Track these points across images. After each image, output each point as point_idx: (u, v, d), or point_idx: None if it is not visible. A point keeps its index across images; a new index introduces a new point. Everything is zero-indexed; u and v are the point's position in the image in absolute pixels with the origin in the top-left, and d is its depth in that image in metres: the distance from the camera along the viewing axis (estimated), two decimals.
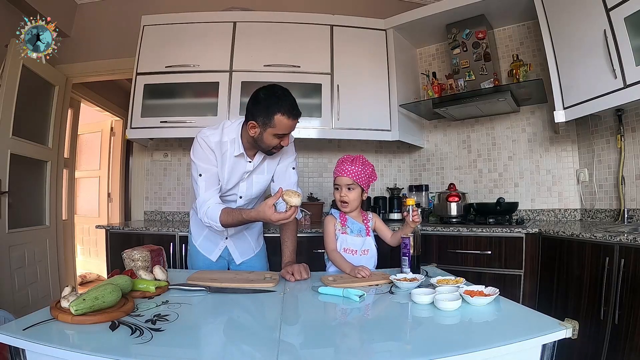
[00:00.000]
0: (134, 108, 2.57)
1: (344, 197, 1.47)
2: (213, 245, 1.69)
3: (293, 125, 1.41)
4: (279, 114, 1.35)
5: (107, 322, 0.86)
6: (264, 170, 1.59)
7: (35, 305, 2.74)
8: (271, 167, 1.60)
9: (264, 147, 1.44)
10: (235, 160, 1.50)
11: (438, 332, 0.89)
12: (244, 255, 1.71)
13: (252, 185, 1.58)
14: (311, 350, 0.81)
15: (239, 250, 1.69)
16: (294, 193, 1.26)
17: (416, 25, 2.67)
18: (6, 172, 2.65)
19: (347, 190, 1.48)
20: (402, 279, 1.19)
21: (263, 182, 1.60)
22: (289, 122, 1.38)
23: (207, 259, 1.68)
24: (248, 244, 1.72)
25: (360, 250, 1.48)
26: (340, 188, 1.49)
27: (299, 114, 1.41)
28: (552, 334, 0.79)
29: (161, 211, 3.00)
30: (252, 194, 1.60)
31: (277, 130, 1.38)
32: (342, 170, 1.48)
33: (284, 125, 1.37)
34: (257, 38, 2.61)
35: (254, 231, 1.75)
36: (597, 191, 2.37)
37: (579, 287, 1.71)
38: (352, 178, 1.47)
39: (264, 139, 1.41)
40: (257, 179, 1.58)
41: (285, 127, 1.38)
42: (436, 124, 3.02)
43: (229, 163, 1.50)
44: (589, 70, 1.92)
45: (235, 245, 1.69)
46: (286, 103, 1.37)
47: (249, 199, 1.61)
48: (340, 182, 1.48)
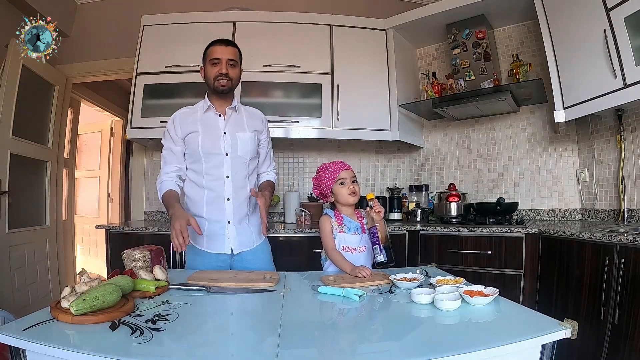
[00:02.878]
0: (134, 108, 2.57)
1: (352, 188, 1.52)
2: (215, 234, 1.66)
3: (223, 51, 1.60)
4: (210, 46, 1.64)
5: (107, 322, 0.86)
6: (244, 127, 1.67)
7: (35, 305, 2.74)
8: (252, 126, 1.69)
9: (209, 82, 1.63)
10: (205, 117, 1.65)
11: (438, 332, 0.89)
12: (243, 247, 1.66)
13: (236, 142, 1.63)
14: (311, 350, 0.81)
15: (239, 239, 1.65)
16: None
17: (416, 25, 2.67)
18: (6, 172, 2.65)
19: (353, 183, 1.53)
20: (402, 278, 1.19)
21: (248, 140, 1.66)
22: (217, 47, 1.61)
23: (207, 256, 1.64)
24: (248, 236, 1.68)
25: (359, 248, 1.49)
26: (345, 182, 1.52)
27: (227, 41, 1.64)
28: (551, 334, 0.79)
29: (161, 211, 3.00)
30: (238, 152, 1.63)
31: (210, 56, 1.61)
32: (345, 166, 1.56)
33: (213, 51, 1.61)
34: (257, 38, 2.61)
35: (254, 222, 1.71)
36: (597, 191, 2.37)
37: (579, 287, 1.71)
38: (353, 171, 1.57)
39: (207, 74, 1.63)
40: (241, 136, 1.65)
41: (215, 52, 1.60)
42: (436, 124, 3.02)
43: (200, 122, 1.64)
44: (589, 70, 1.92)
45: (237, 233, 1.65)
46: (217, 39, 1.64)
47: (237, 156, 1.63)
48: (347, 175, 1.53)
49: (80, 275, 1.05)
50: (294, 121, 2.57)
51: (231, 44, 1.63)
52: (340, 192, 1.52)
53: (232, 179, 1.62)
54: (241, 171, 1.64)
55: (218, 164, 1.61)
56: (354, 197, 1.52)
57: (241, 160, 1.64)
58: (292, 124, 2.57)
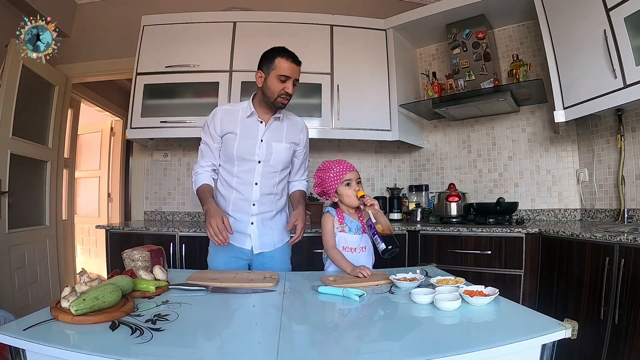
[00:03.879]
0: (134, 108, 2.57)
1: (357, 190, 1.51)
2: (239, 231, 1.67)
3: (293, 69, 1.56)
4: (279, 57, 1.56)
5: (107, 322, 0.86)
6: (282, 138, 1.66)
7: (35, 305, 2.74)
8: (290, 138, 1.68)
9: (270, 94, 1.57)
10: (247, 121, 1.63)
11: (438, 332, 0.89)
12: (264, 247, 1.68)
13: (271, 151, 1.63)
14: (311, 350, 0.81)
15: (260, 240, 1.67)
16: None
17: (416, 25, 2.67)
18: (6, 172, 2.65)
19: (358, 184, 1.53)
20: (402, 279, 1.19)
21: (282, 151, 1.65)
22: (288, 64, 1.55)
23: (229, 249, 1.63)
24: (270, 238, 1.70)
25: (359, 248, 1.49)
26: (352, 183, 1.52)
27: (299, 61, 1.58)
28: (551, 334, 0.79)
29: (161, 211, 3.01)
30: (271, 161, 1.64)
31: (279, 71, 1.54)
32: (351, 167, 1.55)
33: (284, 67, 1.54)
34: (257, 38, 2.61)
35: (276, 220, 1.73)
36: (597, 191, 2.37)
37: (579, 287, 1.71)
38: (358, 173, 1.55)
39: (268, 85, 1.57)
40: (277, 146, 1.64)
41: (286, 69, 1.55)
42: (436, 124, 3.02)
43: (240, 124, 1.63)
44: (589, 70, 1.92)
45: (259, 234, 1.67)
46: (286, 50, 1.58)
47: (268, 165, 1.64)
48: (352, 176, 1.52)
49: (80, 275, 1.05)
50: None
51: (300, 63, 1.60)
52: (347, 193, 1.51)
53: (260, 186, 1.65)
54: (271, 179, 1.66)
55: (249, 170, 1.63)
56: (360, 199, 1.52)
57: (272, 169, 1.66)
58: None
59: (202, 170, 1.68)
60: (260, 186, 1.65)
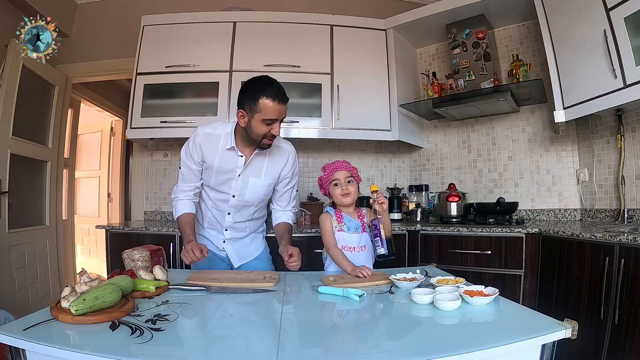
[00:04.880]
0: (134, 108, 2.57)
1: (345, 190, 1.50)
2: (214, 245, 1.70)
3: (280, 110, 1.42)
4: (263, 97, 1.38)
5: (107, 322, 0.86)
6: (260, 174, 1.57)
7: (36, 305, 2.74)
8: (270, 174, 1.59)
9: (254, 136, 1.45)
10: (226, 153, 1.53)
11: (438, 332, 0.89)
12: (243, 259, 1.71)
13: (247, 186, 1.57)
14: (311, 350, 0.81)
15: (237, 254, 1.70)
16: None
17: (416, 25, 2.67)
18: (6, 172, 2.65)
19: (347, 183, 1.51)
20: (402, 279, 1.19)
21: (260, 187, 1.59)
22: (274, 106, 1.39)
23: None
24: (245, 249, 1.72)
25: (358, 247, 1.49)
26: (339, 183, 1.51)
27: (286, 99, 1.43)
28: (551, 334, 0.79)
29: (161, 211, 3.01)
30: (246, 197, 1.59)
31: (264, 114, 1.39)
32: (339, 166, 1.54)
33: (270, 109, 1.39)
34: (257, 38, 2.62)
35: (250, 237, 1.75)
36: (597, 191, 2.37)
37: (579, 287, 1.71)
38: (349, 171, 1.53)
39: (252, 127, 1.43)
40: (254, 182, 1.57)
41: (271, 111, 1.39)
42: (436, 124, 3.02)
43: (219, 156, 1.53)
44: (589, 70, 1.91)
45: (234, 249, 1.70)
46: (271, 87, 1.40)
47: (243, 200, 1.60)
48: (339, 175, 1.51)
49: (80, 275, 1.05)
50: (294, 121, 2.57)
51: (287, 100, 1.44)
52: (334, 192, 1.52)
53: (233, 216, 1.64)
54: (245, 210, 1.65)
55: (223, 200, 1.61)
56: (348, 197, 1.50)
57: (247, 203, 1.63)
58: (292, 124, 2.57)
59: (182, 195, 1.60)
60: (233, 216, 1.64)
